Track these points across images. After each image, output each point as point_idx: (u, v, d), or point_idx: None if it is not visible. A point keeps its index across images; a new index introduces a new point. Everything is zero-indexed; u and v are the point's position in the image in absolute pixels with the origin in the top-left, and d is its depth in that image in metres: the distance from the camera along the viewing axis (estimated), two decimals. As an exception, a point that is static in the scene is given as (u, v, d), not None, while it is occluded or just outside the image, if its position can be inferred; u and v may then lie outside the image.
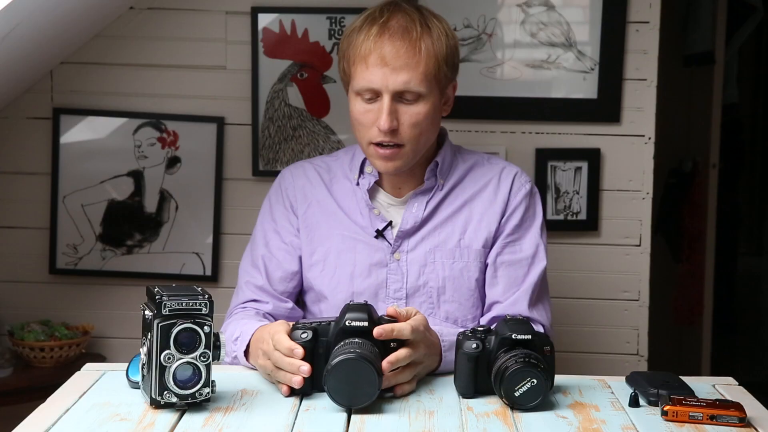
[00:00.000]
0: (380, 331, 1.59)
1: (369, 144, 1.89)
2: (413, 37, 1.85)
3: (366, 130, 1.89)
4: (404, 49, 1.84)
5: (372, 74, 1.84)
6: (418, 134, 1.88)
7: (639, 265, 2.74)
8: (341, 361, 1.50)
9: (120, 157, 2.74)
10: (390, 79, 1.84)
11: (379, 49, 1.84)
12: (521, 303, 1.92)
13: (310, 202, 2.00)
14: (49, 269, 2.77)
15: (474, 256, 1.95)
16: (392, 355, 1.59)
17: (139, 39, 2.72)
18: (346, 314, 1.60)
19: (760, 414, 1.54)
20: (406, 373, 1.62)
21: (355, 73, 1.87)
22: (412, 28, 1.86)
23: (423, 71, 1.85)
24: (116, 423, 1.45)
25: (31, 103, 2.75)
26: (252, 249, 2.03)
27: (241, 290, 2.00)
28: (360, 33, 1.88)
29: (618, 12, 2.66)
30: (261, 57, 2.69)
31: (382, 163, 1.90)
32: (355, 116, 1.91)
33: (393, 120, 1.85)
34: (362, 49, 1.86)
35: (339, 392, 1.51)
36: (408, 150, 1.89)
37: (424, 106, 1.87)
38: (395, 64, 1.83)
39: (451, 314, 1.95)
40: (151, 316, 1.48)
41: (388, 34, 1.85)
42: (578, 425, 1.48)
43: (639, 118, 2.70)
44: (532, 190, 2.01)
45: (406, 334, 1.62)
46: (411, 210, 1.96)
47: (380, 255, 1.95)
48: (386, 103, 1.85)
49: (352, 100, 1.91)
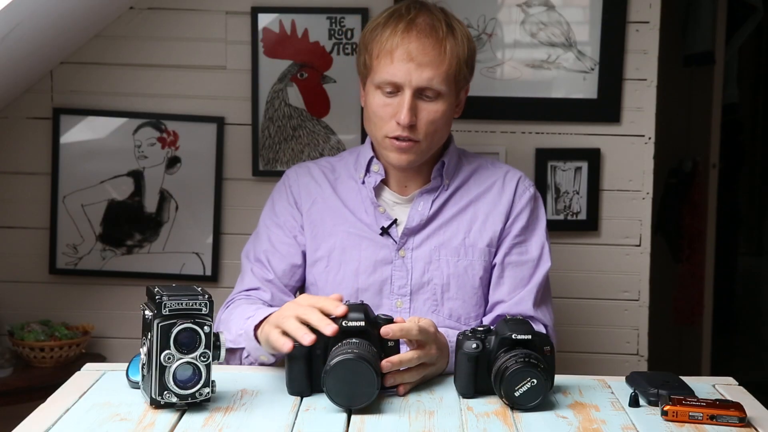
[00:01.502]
0: (387, 330, 1.59)
1: (384, 137, 1.91)
2: (440, 36, 1.88)
3: (383, 124, 1.91)
4: (431, 47, 1.87)
5: (397, 68, 1.86)
6: (433, 132, 1.91)
7: (639, 265, 2.74)
8: (340, 362, 1.50)
9: (120, 157, 2.74)
10: (414, 75, 1.86)
11: (406, 44, 1.87)
12: (526, 302, 1.94)
13: (314, 199, 2.02)
14: (49, 269, 2.77)
15: (478, 255, 1.97)
16: (396, 356, 1.59)
17: (139, 39, 2.72)
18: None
19: (760, 414, 1.54)
20: (414, 372, 1.62)
21: (378, 66, 1.89)
22: (439, 27, 1.89)
23: (446, 70, 1.88)
24: (116, 423, 1.45)
25: (31, 103, 2.75)
26: (255, 242, 2.04)
27: (246, 278, 2.00)
28: (386, 28, 1.90)
29: (618, 12, 2.66)
30: (261, 57, 2.69)
31: (396, 155, 1.92)
32: (373, 109, 1.92)
33: (413, 116, 1.87)
34: (388, 44, 1.88)
35: (338, 393, 1.51)
36: (423, 146, 1.91)
37: (442, 105, 1.90)
38: (421, 60, 1.86)
39: (454, 312, 1.96)
40: (151, 316, 1.48)
41: (415, 30, 1.88)
42: (578, 425, 1.48)
43: (639, 118, 2.70)
44: (535, 195, 2.04)
45: (413, 334, 1.62)
46: (417, 208, 1.98)
47: (385, 252, 1.96)
48: (407, 98, 1.87)
49: (371, 93, 1.92)
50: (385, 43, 1.89)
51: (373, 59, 1.91)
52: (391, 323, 1.61)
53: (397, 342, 1.61)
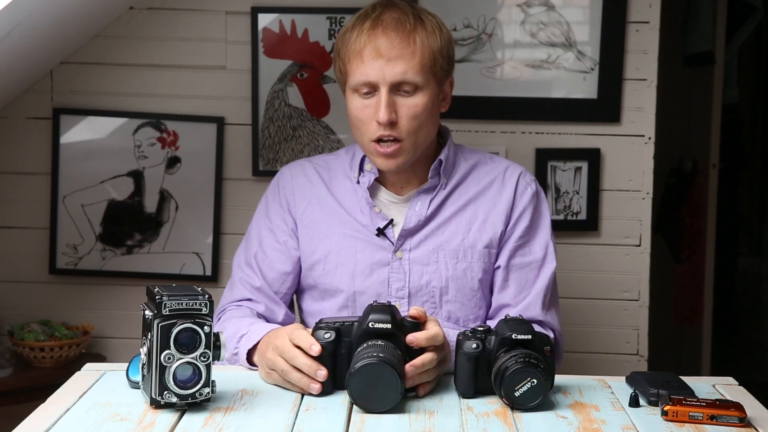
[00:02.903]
0: (412, 339, 1.58)
1: (369, 142, 1.88)
2: (407, 29, 1.85)
3: (365, 127, 1.88)
4: (398, 40, 1.84)
5: (368, 67, 1.84)
6: (416, 128, 1.87)
7: (639, 265, 2.74)
8: (364, 366, 1.49)
9: (120, 157, 2.74)
10: (386, 71, 1.83)
11: (373, 41, 1.84)
12: (534, 307, 1.91)
13: (309, 200, 1.99)
14: (49, 269, 2.77)
15: (477, 257, 1.93)
16: (418, 358, 1.58)
17: (139, 39, 2.72)
18: (369, 315, 1.58)
19: (760, 414, 1.54)
20: (432, 371, 1.61)
21: (351, 69, 1.87)
22: (406, 20, 1.86)
23: (419, 61, 1.85)
24: (116, 423, 1.45)
25: (31, 103, 2.75)
26: (246, 246, 2.01)
27: (236, 287, 1.98)
28: (353, 30, 1.88)
29: (618, 12, 2.66)
30: (261, 57, 2.69)
31: (383, 161, 1.89)
32: (353, 113, 1.90)
33: (391, 112, 1.84)
34: (356, 45, 1.85)
35: (361, 396, 1.50)
36: (407, 145, 1.87)
37: (422, 98, 1.86)
38: (390, 55, 1.83)
39: (453, 314, 1.94)
40: (151, 316, 1.48)
41: (381, 27, 1.85)
42: (578, 425, 1.48)
43: (639, 118, 2.70)
44: (537, 190, 2.00)
45: (440, 340, 1.61)
46: (414, 208, 1.94)
47: (382, 254, 1.93)
48: (384, 95, 1.84)
49: (350, 98, 1.90)
50: (353, 45, 1.86)
51: (346, 64, 1.89)
52: (418, 326, 1.60)
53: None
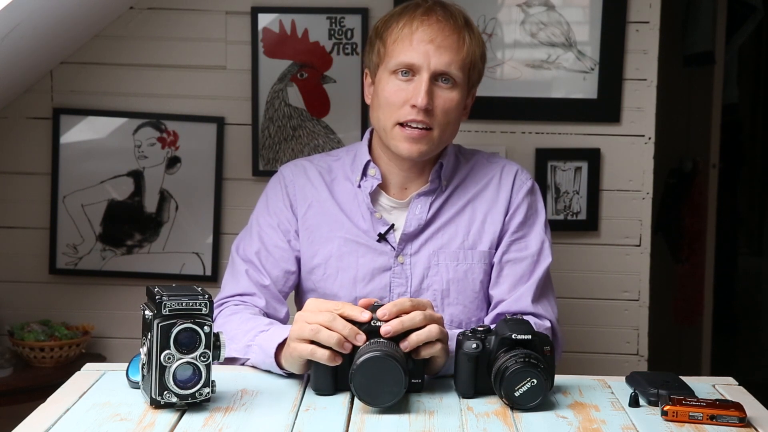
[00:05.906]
0: (388, 328, 1.55)
1: (394, 125, 1.87)
2: (459, 24, 1.88)
3: (395, 110, 1.86)
4: (450, 31, 1.86)
5: (416, 50, 1.84)
6: (446, 122, 1.88)
7: (639, 265, 2.74)
8: (368, 359, 1.50)
9: (120, 157, 2.74)
10: (433, 58, 1.84)
11: (426, 26, 1.86)
12: (525, 298, 1.91)
13: (310, 202, 1.97)
14: (49, 269, 2.77)
15: (478, 258, 1.93)
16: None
17: (139, 39, 2.72)
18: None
19: (760, 414, 1.54)
20: (437, 346, 1.59)
21: (395, 50, 1.86)
22: (458, 18, 1.89)
23: (463, 58, 1.87)
24: (116, 423, 1.45)
25: (31, 103, 2.75)
26: (249, 241, 1.98)
27: (241, 279, 1.93)
28: (402, 17, 1.89)
29: (618, 12, 2.66)
30: (261, 57, 2.69)
31: (407, 145, 1.87)
32: (385, 95, 1.87)
33: (430, 99, 1.84)
34: (407, 29, 1.86)
35: (365, 391, 1.50)
36: (435, 135, 1.87)
37: (457, 95, 1.88)
38: (440, 43, 1.85)
39: (455, 317, 1.93)
40: (151, 316, 1.48)
41: (435, 17, 1.87)
42: (578, 425, 1.48)
43: (639, 118, 2.70)
44: (533, 187, 2.00)
45: (418, 320, 1.58)
46: (414, 212, 1.93)
47: (383, 259, 1.93)
48: (425, 81, 1.84)
49: (384, 80, 1.88)
50: (403, 29, 1.87)
51: (388, 45, 1.88)
52: (396, 317, 1.58)
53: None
